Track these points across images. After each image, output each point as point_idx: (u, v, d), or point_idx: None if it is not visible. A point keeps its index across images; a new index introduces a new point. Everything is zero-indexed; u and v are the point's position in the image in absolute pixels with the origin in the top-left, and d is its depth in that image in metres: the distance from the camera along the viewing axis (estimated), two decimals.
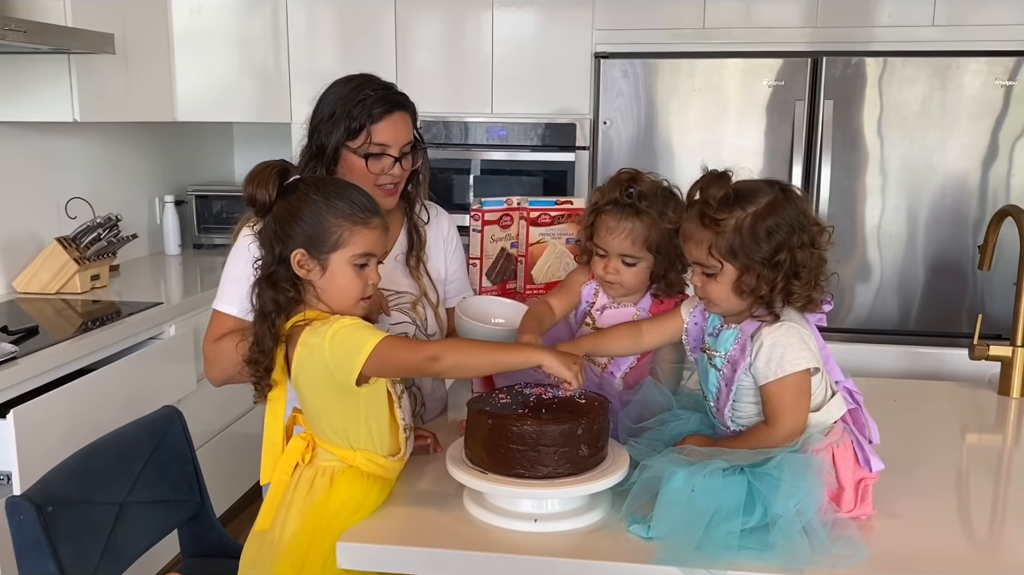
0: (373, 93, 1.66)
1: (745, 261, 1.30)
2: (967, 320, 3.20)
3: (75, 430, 1.85)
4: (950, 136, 3.14)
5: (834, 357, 1.42)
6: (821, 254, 1.33)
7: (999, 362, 1.95)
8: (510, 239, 1.93)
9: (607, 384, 1.57)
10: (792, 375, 1.30)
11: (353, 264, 1.38)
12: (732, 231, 1.30)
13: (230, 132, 4.17)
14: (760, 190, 1.32)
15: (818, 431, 1.32)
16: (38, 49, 2.56)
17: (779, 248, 1.29)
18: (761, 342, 1.31)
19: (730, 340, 1.36)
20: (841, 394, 1.38)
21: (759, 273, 1.30)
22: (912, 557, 1.22)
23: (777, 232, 1.29)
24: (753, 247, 1.29)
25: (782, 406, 1.31)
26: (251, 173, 1.38)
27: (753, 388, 1.34)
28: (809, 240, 1.31)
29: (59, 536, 1.41)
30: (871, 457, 1.34)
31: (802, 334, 1.32)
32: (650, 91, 3.29)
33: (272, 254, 1.38)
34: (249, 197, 1.38)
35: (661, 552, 1.20)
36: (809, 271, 1.31)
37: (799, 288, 1.30)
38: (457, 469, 1.31)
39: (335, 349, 1.30)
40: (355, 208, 1.38)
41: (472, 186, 3.54)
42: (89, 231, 2.94)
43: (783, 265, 1.29)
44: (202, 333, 1.67)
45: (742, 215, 1.30)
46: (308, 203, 1.37)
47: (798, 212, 1.31)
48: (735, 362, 1.35)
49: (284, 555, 1.32)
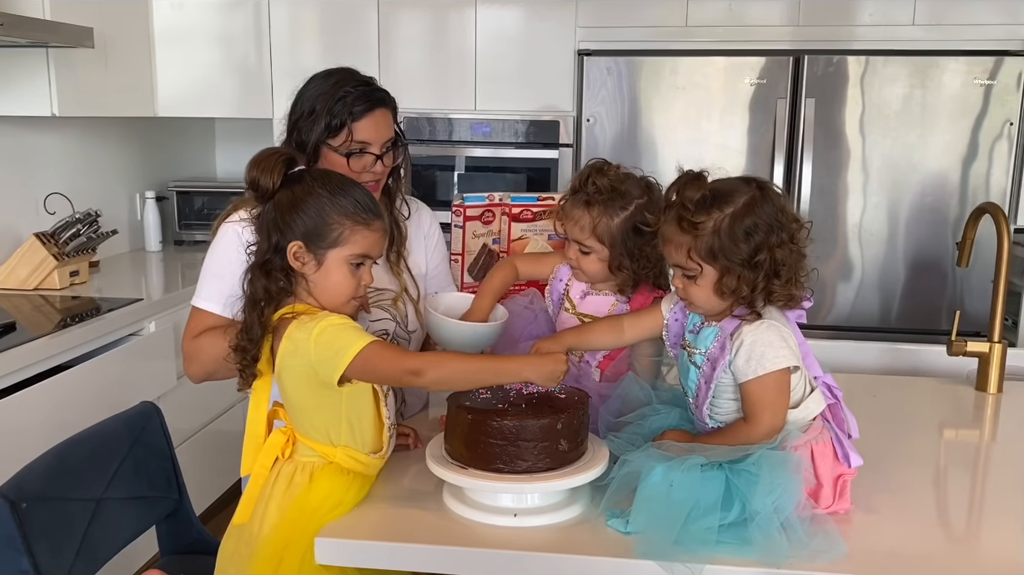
0: (354, 90, 1.63)
1: (725, 263, 1.30)
2: (947, 317, 3.22)
3: (53, 427, 1.83)
4: (930, 135, 3.16)
5: (813, 353, 1.42)
6: (800, 250, 1.32)
7: (976, 358, 1.97)
8: (492, 235, 1.92)
9: (585, 377, 1.57)
10: (772, 374, 1.30)
11: (349, 263, 1.37)
12: (711, 233, 1.29)
13: (212, 128, 4.14)
14: (737, 190, 1.32)
15: (797, 428, 1.32)
16: (16, 42, 2.53)
17: (759, 248, 1.29)
18: (742, 340, 1.31)
19: (710, 338, 1.36)
20: (820, 390, 1.38)
21: (739, 274, 1.30)
22: (890, 552, 1.23)
23: (756, 232, 1.29)
24: (732, 248, 1.29)
25: (761, 404, 1.31)
26: (256, 158, 1.37)
27: (732, 385, 1.34)
28: (788, 238, 1.31)
29: (33, 533, 1.39)
30: (850, 453, 1.34)
31: (782, 332, 1.32)
32: (633, 89, 3.29)
33: (268, 242, 1.36)
34: (252, 181, 1.36)
35: (639, 546, 1.20)
36: (789, 269, 1.30)
37: (779, 287, 1.30)
38: (437, 464, 1.31)
39: (320, 347, 1.29)
40: (358, 208, 1.37)
41: (456, 183, 3.54)
42: (68, 227, 2.92)
43: (763, 265, 1.29)
44: (183, 330, 1.66)
45: (720, 216, 1.29)
46: (312, 196, 1.35)
47: (775, 210, 1.31)
48: (715, 359, 1.35)
49: (262, 550, 1.31)
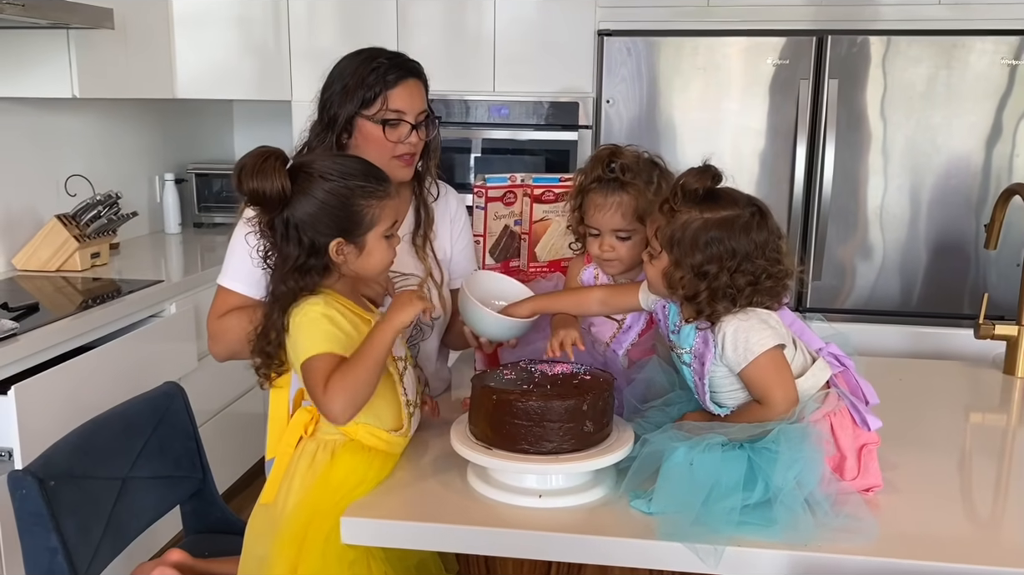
0: (386, 61, 1.65)
1: (678, 257, 1.31)
2: (969, 302, 3.19)
3: (76, 407, 1.84)
4: (954, 116, 3.11)
5: (810, 327, 1.43)
6: (772, 286, 1.32)
7: (1004, 341, 1.95)
8: (514, 216, 1.91)
9: (611, 362, 1.56)
10: (762, 355, 1.30)
11: (384, 236, 1.40)
12: (680, 225, 1.31)
13: (230, 110, 4.14)
14: (731, 203, 1.32)
15: (812, 400, 1.32)
16: (36, 23, 2.53)
17: (709, 260, 1.29)
18: (723, 332, 1.31)
19: (691, 335, 1.37)
20: (824, 359, 1.38)
21: (683, 275, 1.31)
22: (914, 535, 1.22)
23: (714, 245, 1.29)
24: (688, 249, 1.30)
25: (766, 384, 1.31)
26: (249, 167, 1.30)
27: (729, 376, 1.35)
28: (752, 271, 1.30)
29: (61, 510, 1.41)
30: (868, 416, 1.33)
31: (760, 314, 1.32)
32: (653, 69, 3.26)
33: (300, 247, 1.34)
34: (254, 192, 1.30)
35: (662, 527, 1.21)
36: (745, 297, 1.30)
37: (724, 308, 1.30)
38: (461, 445, 1.31)
39: (292, 334, 1.33)
40: (372, 181, 1.38)
41: (473, 166, 3.52)
42: (89, 209, 2.93)
43: (708, 278, 1.29)
44: (203, 312, 1.66)
45: (695, 216, 1.30)
46: (331, 192, 1.34)
47: (752, 242, 1.30)
48: (702, 355, 1.35)
49: (286, 528, 1.32)
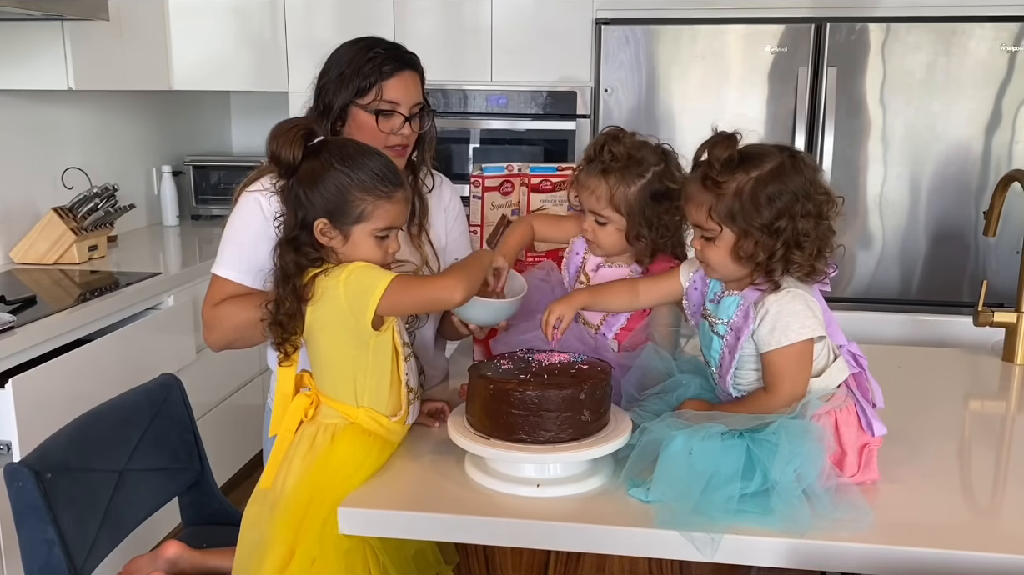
0: (384, 51, 1.65)
1: (744, 226, 1.27)
2: (968, 289, 3.19)
3: (74, 400, 1.84)
4: (954, 103, 3.10)
5: (837, 322, 1.40)
6: (829, 225, 1.29)
7: (1003, 328, 1.94)
8: (511, 206, 1.91)
9: (603, 349, 1.56)
10: (796, 344, 1.28)
11: (375, 236, 1.39)
12: (732, 195, 1.27)
13: (227, 101, 4.13)
14: (767, 155, 1.29)
15: (817, 397, 1.30)
16: (31, 15, 2.52)
17: (779, 215, 1.26)
18: (767, 309, 1.29)
19: (732, 307, 1.34)
20: (844, 358, 1.36)
21: (757, 239, 1.27)
22: (914, 523, 1.22)
23: (778, 199, 1.26)
24: (752, 212, 1.26)
25: (782, 374, 1.30)
26: (276, 131, 1.38)
27: (755, 355, 1.33)
28: (815, 210, 1.28)
29: (58, 503, 1.41)
30: (874, 421, 1.32)
31: (808, 301, 1.30)
32: (651, 58, 3.25)
33: (295, 217, 1.38)
34: (273, 155, 1.38)
35: (660, 515, 1.20)
36: (812, 241, 1.27)
37: (800, 258, 1.27)
38: (459, 434, 1.31)
39: (349, 290, 1.33)
40: (378, 180, 1.38)
41: (471, 156, 3.51)
42: (86, 201, 2.92)
43: (782, 233, 1.26)
44: (201, 303, 1.66)
45: (744, 179, 1.27)
46: (332, 174, 1.36)
47: (805, 180, 1.28)
48: (739, 329, 1.33)
49: (283, 510, 1.32)
